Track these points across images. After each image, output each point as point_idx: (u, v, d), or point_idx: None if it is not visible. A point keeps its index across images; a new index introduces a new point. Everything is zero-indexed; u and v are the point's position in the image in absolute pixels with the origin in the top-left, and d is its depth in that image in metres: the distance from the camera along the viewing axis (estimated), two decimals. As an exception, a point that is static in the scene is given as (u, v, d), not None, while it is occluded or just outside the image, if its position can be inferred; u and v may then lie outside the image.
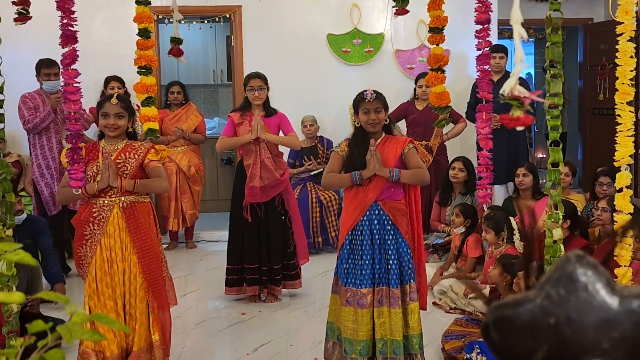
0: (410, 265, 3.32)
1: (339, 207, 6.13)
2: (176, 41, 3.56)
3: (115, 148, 3.28)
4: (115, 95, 3.24)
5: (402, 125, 6.29)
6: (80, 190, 3.04)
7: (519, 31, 1.09)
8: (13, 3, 2.81)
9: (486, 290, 4.22)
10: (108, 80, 6.12)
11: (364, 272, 3.27)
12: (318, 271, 5.58)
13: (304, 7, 6.71)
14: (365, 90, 3.31)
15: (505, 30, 8.00)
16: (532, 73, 10.18)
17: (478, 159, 2.91)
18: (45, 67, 5.38)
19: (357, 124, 3.32)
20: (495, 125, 4.77)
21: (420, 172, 3.27)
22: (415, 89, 6.24)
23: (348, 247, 3.34)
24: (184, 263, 5.98)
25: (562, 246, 2.69)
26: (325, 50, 6.74)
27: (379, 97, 3.29)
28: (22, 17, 2.79)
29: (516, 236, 4.45)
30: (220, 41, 8.72)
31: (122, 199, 3.24)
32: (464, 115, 6.11)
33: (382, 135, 3.36)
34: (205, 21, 7.11)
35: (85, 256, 3.28)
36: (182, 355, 3.92)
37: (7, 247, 0.73)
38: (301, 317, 4.56)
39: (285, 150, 5.27)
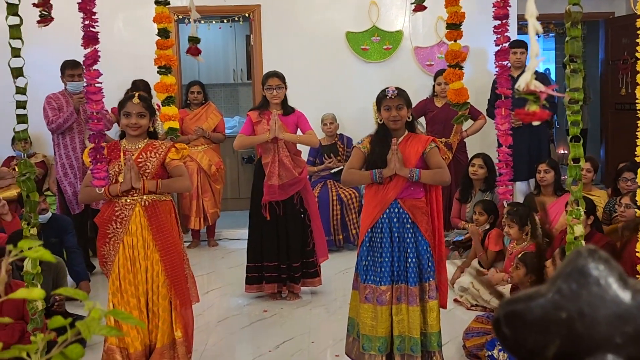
0: (430, 264, 3.32)
1: (359, 205, 6.13)
2: (194, 40, 3.60)
3: (137, 147, 3.30)
4: (136, 94, 3.27)
5: (422, 122, 6.27)
6: (102, 189, 3.07)
7: (534, 25, 1.09)
8: (34, 5, 2.86)
9: (506, 287, 4.20)
10: (137, 87, 6.10)
11: (383, 269, 3.28)
12: (339, 268, 5.59)
13: (323, 5, 6.73)
14: (388, 87, 3.31)
15: (525, 26, 7.91)
16: (553, 68, 10.08)
17: (498, 155, 2.90)
18: (69, 68, 5.46)
19: (380, 121, 3.32)
20: (516, 124, 4.74)
21: (440, 173, 3.26)
22: (434, 86, 6.22)
23: (368, 245, 3.35)
24: (206, 261, 6.03)
25: (583, 243, 2.66)
26: (344, 48, 6.75)
27: (401, 94, 3.29)
28: (45, 19, 2.83)
29: (539, 231, 4.42)
30: (240, 40, 8.76)
31: (144, 197, 3.27)
32: (483, 112, 6.08)
33: (405, 133, 3.34)
34: (225, 21, 7.16)
35: (108, 254, 3.31)
36: (205, 353, 3.96)
37: (27, 245, 0.75)
38: (322, 314, 4.58)
39: (304, 149, 5.28)
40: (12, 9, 2.57)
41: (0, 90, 5.81)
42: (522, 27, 7.72)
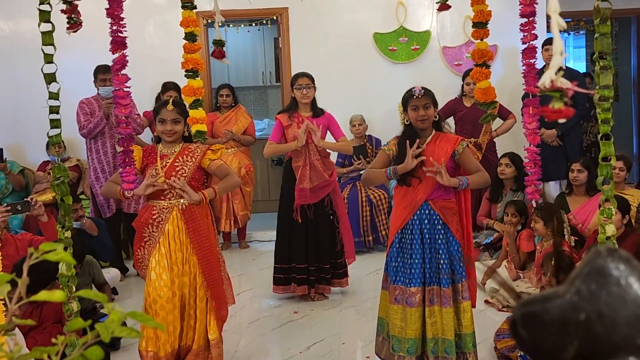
0: (462, 264, 3.29)
1: (388, 206, 6.11)
2: (218, 43, 3.63)
3: (173, 151, 3.34)
4: (170, 100, 3.29)
5: (450, 122, 6.24)
6: (132, 192, 3.11)
7: (557, 21, 1.08)
8: (62, 11, 2.92)
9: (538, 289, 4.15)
10: (166, 88, 6.13)
11: (413, 270, 3.26)
12: (369, 269, 5.58)
13: (350, 7, 6.73)
14: (414, 87, 3.28)
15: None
16: (584, 66, 9.94)
17: (527, 154, 2.86)
18: (101, 73, 5.55)
19: (407, 121, 3.29)
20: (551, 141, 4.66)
21: (484, 175, 3.25)
22: (462, 86, 6.18)
23: (397, 246, 3.33)
24: (237, 263, 6.07)
25: (615, 242, 2.62)
26: (371, 49, 6.74)
27: (428, 93, 3.26)
28: (73, 25, 2.89)
29: (567, 229, 4.36)
30: (268, 43, 8.81)
31: (181, 201, 3.30)
32: (513, 112, 6.02)
33: (433, 133, 3.31)
34: (253, 24, 7.21)
35: (143, 258, 3.36)
36: (237, 354, 3.99)
37: (47, 247, 0.77)
38: (353, 315, 4.58)
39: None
40: (45, 16, 2.64)
41: (34, 96, 6.00)
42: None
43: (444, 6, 3.33)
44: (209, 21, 6.48)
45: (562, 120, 1.27)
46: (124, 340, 4.21)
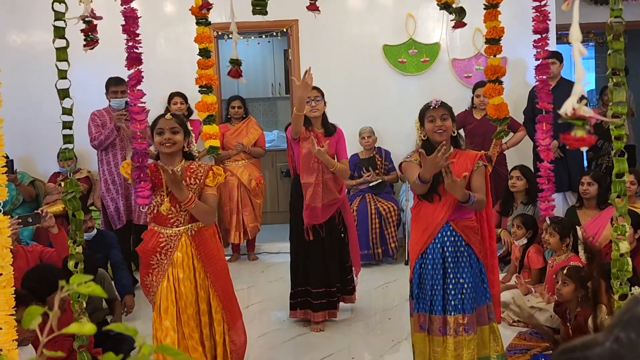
0: (486, 285, 3.19)
1: (398, 218, 6.11)
2: (235, 62, 3.64)
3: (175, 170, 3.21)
4: (169, 113, 3.21)
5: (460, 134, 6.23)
6: (146, 207, 3.10)
7: (579, 49, 1.08)
8: (82, 31, 2.94)
9: (550, 305, 4.13)
10: (171, 96, 6.31)
11: (434, 298, 3.15)
12: (378, 283, 5.57)
13: (360, 19, 6.75)
14: (431, 100, 3.19)
15: (564, 36, 7.81)
16: (593, 77, 9.93)
17: (538, 170, 2.83)
18: (113, 85, 5.60)
19: (424, 136, 3.16)
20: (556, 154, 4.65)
21: (482, 200, 3.07)
22: (472, 98, 6.18)
23: (419, 272, 3.21)
24: (246, 275, 6.07)
25: (629, 259, 2.61)
26: (381, 61, 6.75)
27: (445, 105, 3.15)
28: (90, 42, 2.91)
29: (581, 246, 4.34)
30: (278, 55, 8.85)
31: (190, 226, 3.21)
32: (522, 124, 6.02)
33: (451, 150, 3.13)
34: (263, 36, 7.24)
35: (151, 285, 3.28)
36: (246, 367, 3.98)
37: (78, 280, 0.78)
38: (362, 329, 4.56)
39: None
40: (59, 32, 2.65)
41: (45, 108, 6.04)
42: (561, 37, 7.62)
43: (459, 24, 3.33)
44: (220, 33, 6.51)
45: (584, 148, 1.27)
46: (134, 353, 4.21)
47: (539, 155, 3.14)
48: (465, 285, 3.11)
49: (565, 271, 3.72)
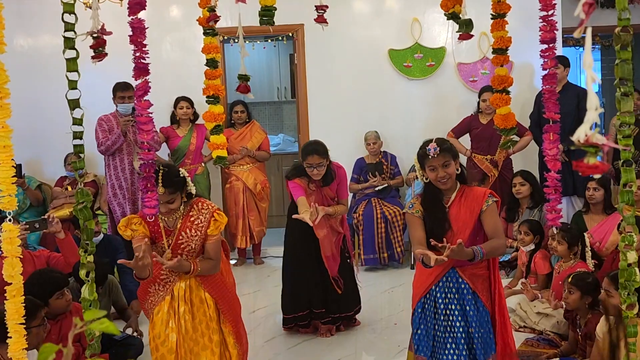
0: (491, 336, 3.02)
1: (403, 223, 6.11)
2: (243, 78, 3.64)
3: (175, 225, 3.17)
4: (160, 182, 3.01)
5: (466, 139, 6.23)
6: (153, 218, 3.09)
7: (591, 76, 1.08)
8: (91, 47, 2.96)
9: (559, 311, 4.13)
10: (177, 101, 6.32)
11: (437, 344, 3.02)
12: (384, 287, 5.58)
13: (365, 23, 6.76)
14: (428, 144, 2.93)
15: (570, 39, 7.81)
16: (599, 80, 9.93)
17: (545, 180, 2.82)
18: (120, 91, 5.62)
19: (426, 179, 3.00)
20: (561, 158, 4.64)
21: (501, 243, 2.91)
22: (478, 103, 6.18)
23: (420, 313, 3.07)
24: (253, 279, 6.08)
25: (637, 269, 2.60)
26: (386, 65, 6.76)
27: (445, 148, 2.91)
28: (99, 54, 2.93)
29: (588, 253, 4.34)
30: (284, 59, 8.87)
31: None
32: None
33: (457, 187, 3.00)
34: (269, 40, 7.26)
35: (147, 310, 3.29)
36: (252, 373, 3.99)
37: (91, 316, 0.79)
38: (368, 334, 4.57)
39: (349, 164, 5.12)
40: (69, 43, 2.66)
41: (53, 113, 6.06)
42: (567, 40, 7.61)
43: (465, 35, 3.33)
44: (226, 37, 6.53)
45: (597, 176, 1.27)
46: (140, 358, 4.22)
47: (545, 164, 3.14)
48: (476, 335, 2.97)
49: (570, 279, 3.73)
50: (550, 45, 2.72)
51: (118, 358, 3.85)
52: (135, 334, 4.30)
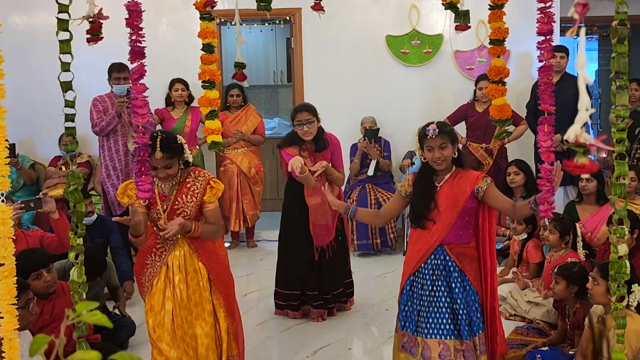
0: (479, 315, 3.07)
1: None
2: (240, 66, 3.62)
3: (172, 191, 3.20)
4: (158, 145, 3.02)
5: (461, 127, 6.22)
6: (147, 201, 3.09)
7: (584, 76, 1.08)
8: (87, 31, 2.94)
9: (549, 300, 4.16)
10: (173, 82, 6.30)
11: (420, 319, 3.09)
12: (376, 273, 5.61)
13: (363, 9, 6.72)
14: (429, 125, 3.02)
15: (568, 28, 7.77)
16: (596, 70, 9.93)
17: (539, 172, 2.83)
18: (115, 72, 5.59)
19: (424, 159, 3.09)
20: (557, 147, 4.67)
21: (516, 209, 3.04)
22: (475, 91, 6.18)
23: (408, 290, 3.16)
24: (245, 263, 6.10)
25: (627, 262, 2.62)
26: (383, 51, 6.73)
27: (443, 131, 3.00)
28: (95, 37, 2.90)
29: (579, 243, 4.37)
30: (281, 43, 8.83)
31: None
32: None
33: (452, 170, 3.09)
34: (266, 24, 7.22)
35: (143, 285, 3.31)
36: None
37: (84, 307, 0.79)
38: (360, 320, 4.60)
39: (345, 150, 5.08)
40: (63, 25, 2.64)
41: (47, 91, 6.03)
42: (565, 30, 7.59)
43: (462, 26, 3.32)
44: (222, 20, 6.49)
45: (585, 176, 1.28)
46: (132, 339, 4.25)
47: (539, 157, 3.14)
48: (460, 312, 3.03)
49: (556, 270, 3.76)
50: (547, 37, 2.72)
51: (110, 339, 3.88)
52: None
